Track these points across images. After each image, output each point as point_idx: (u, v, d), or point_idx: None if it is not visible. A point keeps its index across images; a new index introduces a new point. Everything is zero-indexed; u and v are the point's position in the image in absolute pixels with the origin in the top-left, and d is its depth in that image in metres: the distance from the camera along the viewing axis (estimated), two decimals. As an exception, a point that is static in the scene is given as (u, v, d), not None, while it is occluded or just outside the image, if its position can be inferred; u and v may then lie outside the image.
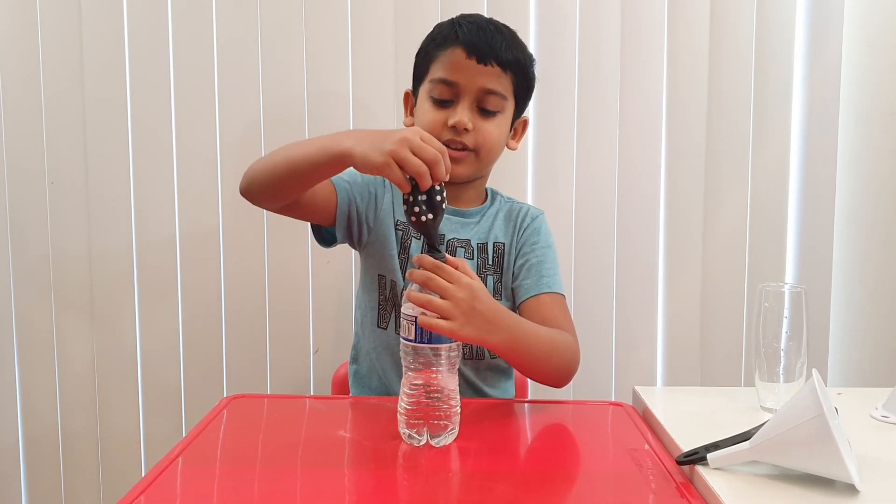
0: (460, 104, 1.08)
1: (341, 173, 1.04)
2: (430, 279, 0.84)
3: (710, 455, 0.76)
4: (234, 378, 1.61)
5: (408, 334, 0.84)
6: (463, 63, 1.07)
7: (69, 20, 1.53)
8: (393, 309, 1.16)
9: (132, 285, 1.60)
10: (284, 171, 0.99)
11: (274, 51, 1.54)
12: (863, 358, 1.62)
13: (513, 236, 1.19)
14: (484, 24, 1.10)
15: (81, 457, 1.64)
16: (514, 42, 1.11)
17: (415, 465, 0.81)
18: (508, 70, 1.09)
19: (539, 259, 1.16)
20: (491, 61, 1.07)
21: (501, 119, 1.12)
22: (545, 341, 1.01)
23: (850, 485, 0.69)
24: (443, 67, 1.09)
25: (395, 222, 1.17)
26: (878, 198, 1.59)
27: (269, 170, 1.01)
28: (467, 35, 1.07)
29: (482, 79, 1.08)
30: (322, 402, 1.08)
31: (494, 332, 0.90)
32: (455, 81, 1.08)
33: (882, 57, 1.56)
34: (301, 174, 0.98)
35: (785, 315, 0.92)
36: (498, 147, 1.14)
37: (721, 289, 1.59)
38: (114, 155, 1.57)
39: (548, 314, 1.10)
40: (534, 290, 1.13)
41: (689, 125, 1.56)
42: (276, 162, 1.00)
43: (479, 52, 1.06)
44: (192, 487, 0.77)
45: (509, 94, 1.12)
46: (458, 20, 1.12)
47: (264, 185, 1.03)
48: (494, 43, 1.07)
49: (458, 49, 1.07)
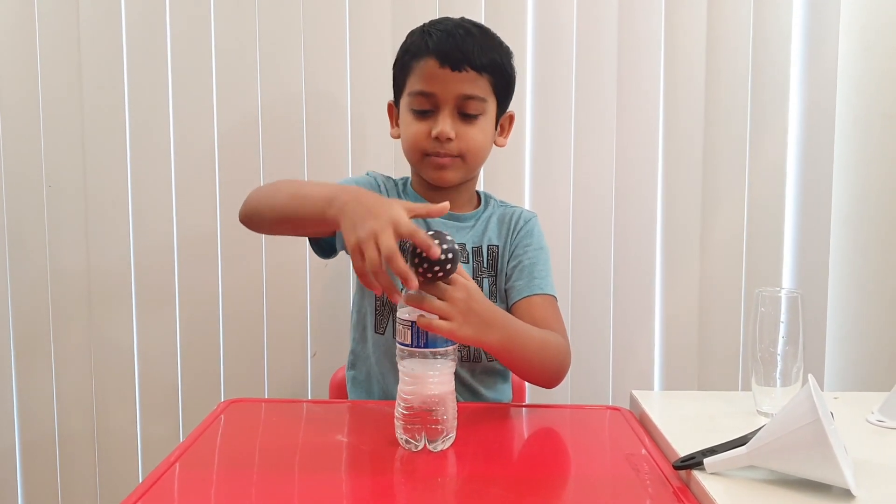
0: (441, 114, 1.08)
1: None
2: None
3: (707, 460, 0.76)
4: (232, 382, 1.61)
5: (404, 339, 0.84)
6: (437, 73, 1.07)
7: (67, 24, 1.53)
8: (390, 314, 1.16)
9: (130, 289, 1.60)
10: (281, 218, 1.02)
11: (272, 53, 1.54)
12: (859, 362, 1.62)
13: (506, 239, 1.19)
14: (453, 30, 1.08)
15: (79, 461, 1.63)
16: (486, 42, 1.10)
17: (412, 469, 0.81)
18: (484, 72, 1.08)
19: (531, 261, 1.16)
20: (465, 67, 1.06)
21: (484, 121, 1.12)
22: (538, 341, 1.02)
23: (847, 489, 0.70)
24: (419, 79, 1.09)
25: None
26: (874, 202, 1.59)
27: (266, 212, 1.04)
28: (437, 44, 1.07)
29: (459, 86, 1.07)
30: (319, 406, 1.08)
31: (490, 331, 0.91)
32: (432, 92, 1.08)
33: (878, 61, 1.57)
34: (296, 226, 1.03)
35: (781, 319, 0.92)
36: (484, 150, 1.15)
37: (718, 293, 1.59)
38: (112, 158, 1.57)
39: (539, 315, 1.11)
40: (526, 291, 1.14)
41: (686, 129, 1.57)
42: (275, 207, 1.02)
43: (452, 60, 1.06)
44: (189, 492, 0.77)
45: (489, 94, 1.11)
46: (427, 28, 1.11)
47: (262, 224, 1.08)
48: (466, 48, 1.06)
49: (430, 60, 1.07)
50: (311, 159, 1.57)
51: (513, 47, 1.46)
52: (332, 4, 1.53)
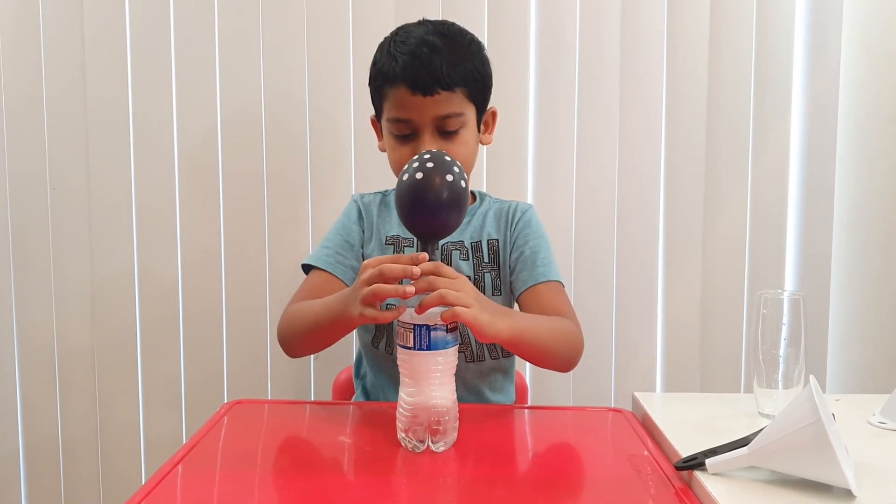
0: (421, 137, 1.09)
1: (327, 247, 1.17)
2: (436, 279, 0.85)
3: (709, 461, 0.76)
4: (235, 384, 1.61)
5: (406, 342, 0.84)
6: (410, 101, 1.06)
7: (71, 26, 1.55)
8: (385, 329, 1.18)
9: (133, 290, 1.60)
10: (310, 337, 1.06)
11: (275, 55, 1.55)
12: (860, 365, 1.62)
13: (505, 231, 1.20)
14: (417, 50, 1.06)
15: (82, 462, 1.64)
16: (453, 55, 1.07)
17: (415, 470, 0.81)
18: (457, 87, 1.07)
19: (533, 250, 1.17)
20: (436, 90, 1.05)
21: (465, 132, 1.11)
22: (547, 328, 1.03)
23: (848, 490, 0.70)
24: (393, 107, 1.09)
25: (385, 239, 1.19)
26: (876, 205, 1.60)
27: (297, 338, 1.08)
28: (405, 70, 1.05)
29: (433, 109, 1.06)
30: (322, 407, 1.08)
31: (502, 317, 0.91)
32: (409, 119, 1.08)
33: (881, 63, 1.57)
34: (325, 338, 1.06)
35: (783, 322, 0.92)
36: (469, 160, 1.14)
37: (720, 295, 1.59)
38: (115, 160, 1.58)
39: (546, 303, 1.12)
40: (530, 280, 1.14)
41: (688, 131, 1.57)
42: (301, 332, 1.06)
43: (422, 86, 1.05)
44: (193, 493, 0.77)
45: (465, 106, 1.10)
46: (393, 51, 1.08)
47: (300, 349, 1.11)
48: (433, 69, 1.05)
49: (401, 88, 1.06)
50: (313, 160, 1.58)
51: (516, 47, 1.44)
52: (335, 11, 1.54)
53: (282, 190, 1.58)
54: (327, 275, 1.15)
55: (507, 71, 1.52)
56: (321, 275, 1.16)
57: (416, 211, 0.87)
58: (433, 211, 0.86)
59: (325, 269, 1.15)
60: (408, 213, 0.88)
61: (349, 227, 1.21)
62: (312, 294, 1.11)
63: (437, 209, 0.86)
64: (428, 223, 0.87)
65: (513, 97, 1.55)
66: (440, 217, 0.87)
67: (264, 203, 1.58)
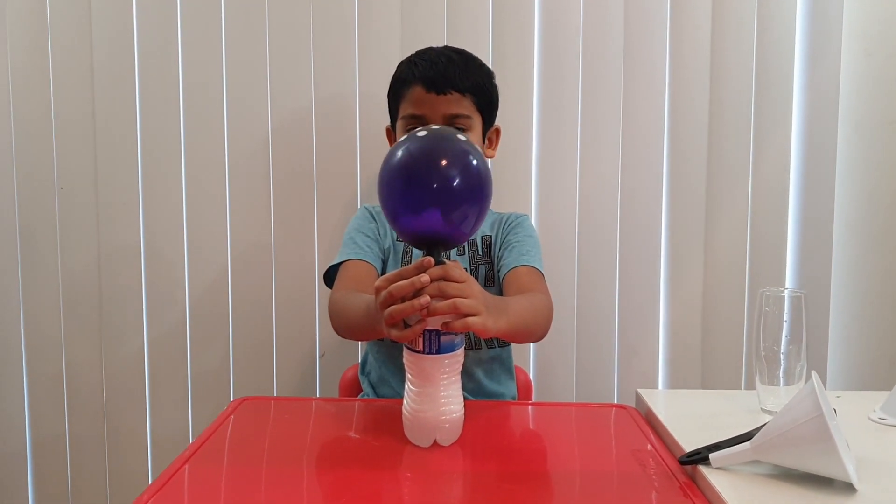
0: None
1: (355, 242, 1.23)
2: (447, 286, 0.84)
3: (712, 455, 0.78)
4: (241, 382, 1.62)
5: (415, 345, 0.84)
6: (425, 98, 1.19)
7: (80, 28, 1.56)
8: None
9: (140, 289, 1.61)
10: (355, 330, 1.09)
11: (282, 58, 1.56)
12: (861, 361, 1.63)
13: (499, 231, 1.28)
14: (436, 59, 1.21)
15: (89, 460, 1.65)
16: (467, 67, 1.22)
17: (423, 465, 0.82)
18: (467, 93, 1.20)
19: (519, 241, 1.24)
20: (449, 90, 1.18)
21: (471, 136, 1.20)
22: (529, 310, 1.05)
23: (849, 484, 0.71)
24: (409, 105, 1.21)
25: (395, 236, 1.25)
26: (876, 204, 1.61)
27: (348, 332, 1.12)
28: (423, 72, 1.20)
29: (444, 107, 1.19)
30: (329, 403, 1.09)
31: (502, 315, 0.92)
32: (422, 114, 1.19)
33: (881, 66, 1.58)
34: (372, 337, 1.17)
35: (785, 319, 0.93)
36: None
37: (722, 293, 1.60)
38: (123, 160, 1.59)
39: (524, 281, 1.17)
40: (513, 263, 1.20)
41: (690, 132, 1.58)
42: (349, 328, 1.10)
43: (436, 85, 1.18)
44: (201, 490, 0.78)
45: (473, 112, 1.22)
46: (413, 59, 1.24)
47: (353, 338, 1.22)
48: (448, 73, 1.19)
49: (418, 87, 1.20)
50: (318, 162, 1.59)
51: (519, 52, 1.49)
52: (341, 15, 1.55)
53: (290, 192, 1.60)
54: (361, 262, 1.21)
55: (511, 71, 1.53)
56: (357, 263, 1.21)
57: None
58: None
59: (358, 259, 1.21)
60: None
61: (366, 227, 1.27)
62: (357, 280, 1.17)
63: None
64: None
65: (517, 103, 1.56)
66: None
67: (270, 203, 1.59)
